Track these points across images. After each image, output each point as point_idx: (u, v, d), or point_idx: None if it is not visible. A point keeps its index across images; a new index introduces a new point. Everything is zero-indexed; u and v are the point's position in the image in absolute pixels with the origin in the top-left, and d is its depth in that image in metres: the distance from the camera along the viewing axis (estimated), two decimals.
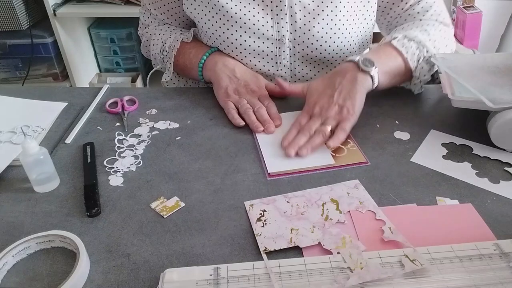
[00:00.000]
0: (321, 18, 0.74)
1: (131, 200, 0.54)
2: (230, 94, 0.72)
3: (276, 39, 0.75)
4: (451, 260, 0.44)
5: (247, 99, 0.71)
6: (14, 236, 0.49)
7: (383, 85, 0.70)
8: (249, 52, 0.77)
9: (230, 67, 0.75)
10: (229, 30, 0.75)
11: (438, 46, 0.75)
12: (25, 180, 0.56)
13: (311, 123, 0.65)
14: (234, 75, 0.74)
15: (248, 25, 0.74)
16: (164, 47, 0.82)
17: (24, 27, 1.65)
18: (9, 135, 0.66)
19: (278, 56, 0.77)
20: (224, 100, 0.72)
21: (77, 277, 0.43)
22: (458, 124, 0.68)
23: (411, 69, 0.71)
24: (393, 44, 0.71)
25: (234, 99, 0.72)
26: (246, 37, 0.75)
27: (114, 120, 0.72)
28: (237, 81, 0.74)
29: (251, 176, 0.58)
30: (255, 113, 0.69)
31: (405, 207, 0.52)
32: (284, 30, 0.75)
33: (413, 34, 0.72)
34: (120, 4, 1.71)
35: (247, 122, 0.68)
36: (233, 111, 0.70)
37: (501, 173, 0.58)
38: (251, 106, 0.70)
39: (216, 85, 0.75)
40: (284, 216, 0.51)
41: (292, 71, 0.80)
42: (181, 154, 0.63)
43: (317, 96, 0.67)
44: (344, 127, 0.63)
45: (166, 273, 0.43)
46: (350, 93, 0.65)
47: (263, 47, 0.76)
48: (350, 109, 0.64)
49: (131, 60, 1.95)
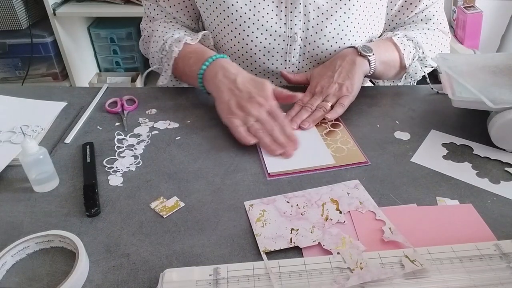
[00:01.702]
0: (334, 18, 0.75)
1: (130, 200, 0.54)
2: (234, 110, 0.65)
3: (288, 36, 0.76)
4: (451, 261, 0.44)
5: (254, 115, 0.64)
6: (13, 236, 0.49)
7: (379, 72, 0.76)
8: (259, 49, 0.77)
9: (231, 77, 0.68)
10: (241, 26, 0.75)
11: (434, 50, 0.81)
12: (25, 180, 0.56)
13: (313, 100, 0.71)
14: (236, 86, 0.67)
15: (260, 22, 0.74)
16: (164, 46, 0.76)
17: (23, 27, 1.65)
18: (9, 135, 0.66)
19: (288, 53, 0.78)
20: (228, 118, 0.65)
21: (76, 277, 0.42)
22: (458, 124, 0.68)
23: (405, 66, 0.77)
24: (393, 40, 0.76)
25: (239, 116, 0.64)
26: (257, 34, 0.75)
27: (114, 119, 0.71)
28: (240, 93, 0.66)
29: (251, 176, 0.58)
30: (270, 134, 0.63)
31: (405, 207, 0.52)
32: (297, 28, 0.75)
33: (413, 35, 0.78)
34: (120, 3, 1.71)
35: (261, 145, 0.63)
36: (241, 128, 0.63)
37: (502, 173, 0.58)
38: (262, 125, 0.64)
39: (217, 100, 0.68)
40: (284, 216, 0.51)
41: (299, 70, 0.80)
42: (181, 154, 0.63)
43: (318, 78, 0.74)
44: (342, 103, 0.69)
45: (166, 273, 0.43)
46: (349, 73, 0.71)
47: (274, 44, 0.76)
48: (349, 87, 0.70)
49: (131, 60, 1.95)
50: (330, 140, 0.65)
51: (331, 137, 0.66)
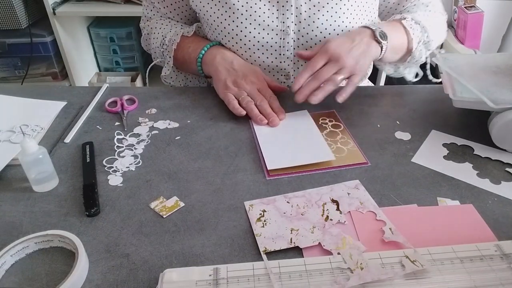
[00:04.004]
0: (325, 10, 0.75)
1: (130, 200, 0.54)
2: (229, 85, 0.72)
3: (281, 30, 0.76)
4: (451, 261, 0.44)
5: (247, 90, 0.72)
6: (12, 236, 0.48)
7: (386, 59, 0.75)
8: (253, 44, 0.77)
9: (228, 60, 0.76)
10: (234, 22, 0.75)
11: (437, 33, 0.81)
12: (24, 179, 0.56)
13: (327, 69, 0.67)
14: (232, 67, 0.75)
15: (253, 16, 0.75)
16: (164, 40, 0.82)
17: (23, 26, 1.65)
18: (8, 134, 0.66)
19: (282, 47, 0.78)
20: (224, 92, 0.73)
21: (76, 277, 0.42)
22: (459, 124, 0.68)
23: (411, 50, 0.76)
24: (403, 24, 0.76)
25: (233, 91, 0.72)
26: (251, 28, 0.75)
27: (114, 119, 0.71)
28: (235, 73, 0.74)
29: (251, 176, 0.58)
30: (258, 106, 0.70)
31: (406, 207, 0.52)
32: (289, 21, 0.75)
33: (419, 19, 0.78)
34: (120, 3, 1.70)
35: (250, 115, 0.69)
36: (234, 101, 0.70)
37: (502, 173, 0.58)
38: (252, 99, 0.71)
39: (215, 79, 0.76)
40: (284, 216, 0.51)
41: (295, 64, 0.80)
42: (181, 154, 0.63)
43: (336, 44, 0.68)
44: (354, 81, 0.68)
45: (166, 273, 0.43)
46: (365, 53, 0.69)
47: (268, 38, 0.77)
48: (362, 66, 0.69)
49: (130, 59, 1.95)
50: (330, 140, 0.65)
51: (331, 138, 0.65)
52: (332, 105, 0.73)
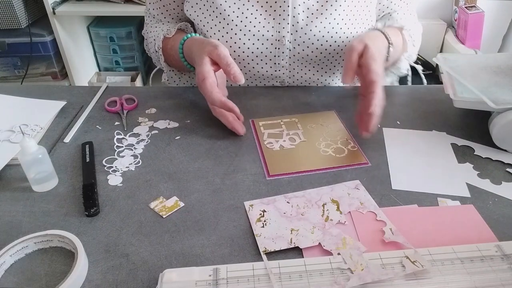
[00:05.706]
0: (323, 17, 0.74)
1: (130, 199, 0.54)
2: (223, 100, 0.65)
3: (276, 39, 0.75)
4: (452, 262, 0.44)
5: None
6: (12, 236, 0.48)
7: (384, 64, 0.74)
8: (247, 55, 0.77)
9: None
10: (229, 33, 0.75)
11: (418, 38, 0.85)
12: (23, 179, 0.56)
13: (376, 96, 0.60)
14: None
15: (248, 27, 0.74)
16: (155, 46, 0.81)
17: (23, 26, 1.65)
18: (8, 134, 0.66)
19: (277, 57, 0.77)
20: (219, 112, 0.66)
21: (75, 277, 0.42)
22: (460, 124, 0.68)
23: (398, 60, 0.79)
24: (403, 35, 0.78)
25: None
26: (245, 40, 0.75)
27: (113, 119, 0.71)
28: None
29: (251, 176, 0.58)
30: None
31: (406, 208, 0.52)
32: (284, 31, 0.75)
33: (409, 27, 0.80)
34: (120, 2, 1.70)
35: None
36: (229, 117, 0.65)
37: (503, 174, 0.58)
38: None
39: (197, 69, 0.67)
40: (284, 216, 0.51)
41: (290, 72, 0.80)
42: (181, 154, 0.62)
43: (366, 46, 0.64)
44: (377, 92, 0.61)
45: (165, 274, 0.43)
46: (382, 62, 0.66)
47: (262, 48, 0.76)
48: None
49: (130, 59, 1.95)
50: (330, 140, 0.65)
51: (331, 138, 0.65)
52: (332, 105, 0.73)
